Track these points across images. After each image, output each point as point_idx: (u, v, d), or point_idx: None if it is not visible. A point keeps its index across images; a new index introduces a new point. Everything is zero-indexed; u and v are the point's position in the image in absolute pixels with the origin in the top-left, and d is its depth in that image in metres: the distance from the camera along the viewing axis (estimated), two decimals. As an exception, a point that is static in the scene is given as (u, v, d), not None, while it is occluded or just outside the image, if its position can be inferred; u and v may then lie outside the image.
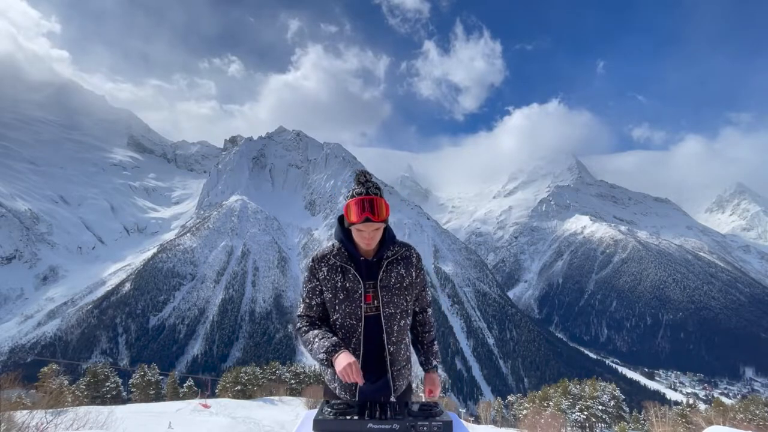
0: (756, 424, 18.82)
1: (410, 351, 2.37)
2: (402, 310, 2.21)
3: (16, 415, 9.03)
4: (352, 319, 2.15)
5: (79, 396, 26.84)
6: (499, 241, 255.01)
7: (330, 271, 2.15)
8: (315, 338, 2.08)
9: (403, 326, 2.23)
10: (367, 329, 2.16)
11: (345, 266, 2.14)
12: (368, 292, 2.15)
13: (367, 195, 2.04)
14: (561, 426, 24.50)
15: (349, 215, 2.05)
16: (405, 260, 2.24)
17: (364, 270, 2.16)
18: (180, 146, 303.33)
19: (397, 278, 2.19)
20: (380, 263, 2.17)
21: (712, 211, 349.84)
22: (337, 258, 2.16)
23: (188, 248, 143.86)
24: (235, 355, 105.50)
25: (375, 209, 2.01)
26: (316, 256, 2.21)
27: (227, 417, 17.54)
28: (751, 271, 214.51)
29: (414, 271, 2.26)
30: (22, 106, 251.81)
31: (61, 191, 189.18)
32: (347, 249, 2.16)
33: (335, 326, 2.20)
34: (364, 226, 2.03)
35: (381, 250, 2.17)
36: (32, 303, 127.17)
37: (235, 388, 30.39)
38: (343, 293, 2.14)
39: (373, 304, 2.16)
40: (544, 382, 76.19)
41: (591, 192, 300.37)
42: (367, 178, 2.12)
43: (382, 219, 2.04)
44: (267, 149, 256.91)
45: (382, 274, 2.16)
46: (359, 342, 2.16)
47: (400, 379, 2.26)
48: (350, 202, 2.05)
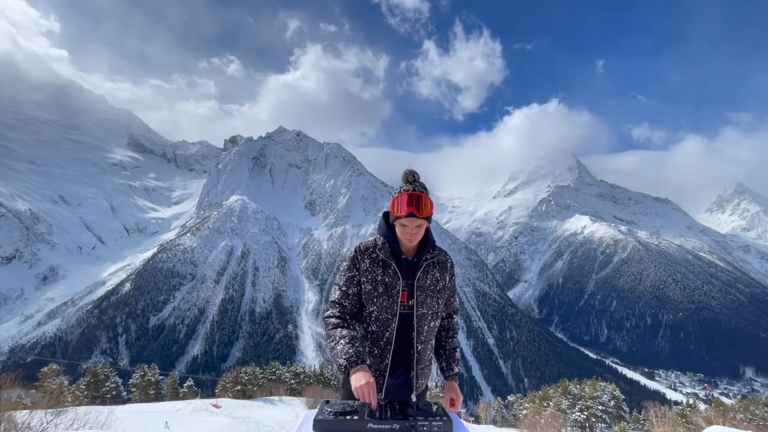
0: (756, 424, 18.82)
1: (432, 353, 2.43)
2: (433, 312, 2.29)
3: (16, 415, 9.03)
4: (388, 314, 2.21)
5: (79, 396, 26.85)
6: (499, 241, 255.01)
7: (372, 264, 2.23)
8: (341, 339, 2.08)
9: (432, 327, 2.31)
10: (399, 325, 2.23)
11: (387, 261, 2.22)
12: (404, 290, 2.22)
13: (414, 191, 2.14)
14: (561, 426, 24.50)
15: (395, 209, 2.14)
16: (441, 264, 2.32)
17: (404, 268, 2.24)
18: (180, 146, 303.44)
19: (432, 280, 2.27)
20: (419, 264, 2.25)
21: (712, 211, 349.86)
22: (381, 252, 2.24)
23: (188, 248, 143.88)
24: (235, 355, 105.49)
25: (420, 205, 2.11)
26: (360, 247, 2.29)
27: (227, 417, 17.54)
28: (751, 271, 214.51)
29: (448, 275, 2.37)
30: (22, 106, 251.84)
31: (61, 191, 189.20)
32: (391, 245, 2.25)
33: (370, 318, 2.24)
34: (408, 221, 2.12)
35: (421, 252, 2.26)
36: (32, 303, 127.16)
37: (235, 388, 30.38)
38: (382, 287, 2.20)
39: (407, 303, 2.23)
40: (544, 382, 76.19)
41: (591, 192, 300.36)
42: (415, 177, 2.23)
43: (426, 215, 2.13)
44: (267, 149, 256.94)
45: (420, 274, 2.23)
46: (392, 337, 2.22)
47: (422, 378, 2.33)
48: (397, 196, 2.14)
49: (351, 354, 2.02)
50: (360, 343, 2.16)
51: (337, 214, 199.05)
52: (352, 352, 2.03)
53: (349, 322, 2.24)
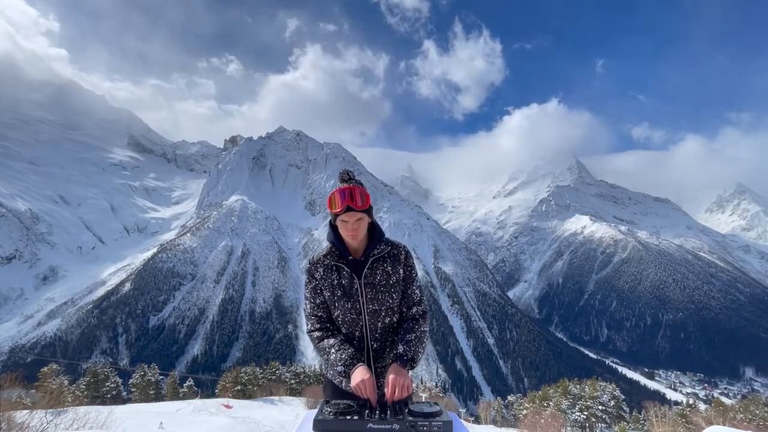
0: (756, 424, 18.82)
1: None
2: (387, 307, 2.26)
3: (16, 415, 9.03)
4: (353, 314, 2.24)
5: (79, 396, 26.85)
6: (499, 241, 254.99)
7: (326, 271, 2.26)
8: (331, 348, 2.16)
9: (388, 323, 2.28)
10: (367, 325, 2.27)
11: (338, 264, 2.24)
12: (362, 288, 2.24)
13: (348, 186, 2.15)
14: (561, 426, 24.49)
15: (332, 206, 2.14)
16: (392, 258, 2.29)
17: (354, 268, 2.24)
18: (180, 146, 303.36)
19: (383, 275, 2.25)
20: (366, 260, 2.25)
21: (712, 211, 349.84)
22: (329, 258, 2.26)
23: (188, 248, 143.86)
24: (235, 355, 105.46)
25: (356, 197, 2.11)
26: (312, 259, 2.31)
27: (227, 417, 17.54)
28: (751, 271, 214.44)
29: (401, 268, 2.30)
30: (22, 106, 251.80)
31: (61, 191, 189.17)
32: (338, 248, 2.26)
33: (338, 322, 2.29)
34: (347, 216, 2.11)
35: (368, 248, 2.26)
36: (32, 303, 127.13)
37: (235, 388, 30.39)
38: (340, 290, 2.23)
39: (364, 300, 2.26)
40: (544, 382, 76.20)
41: (591, 192, 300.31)
42: (350, 176, 2.26)
43: (363, 207, 2.13)
44: (267, 149, 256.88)
45: (366, 271, 2.23)
46: (362, 334, 2.26)
47: (382, 377, 2.25)
48: (332, 193, 2.14)
49: (345, 358, 2.09)
50: (349, 344, 2.21)
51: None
52: (345, 356, 2.10)
53: (331, 329, 2.28)
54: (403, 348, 2.18)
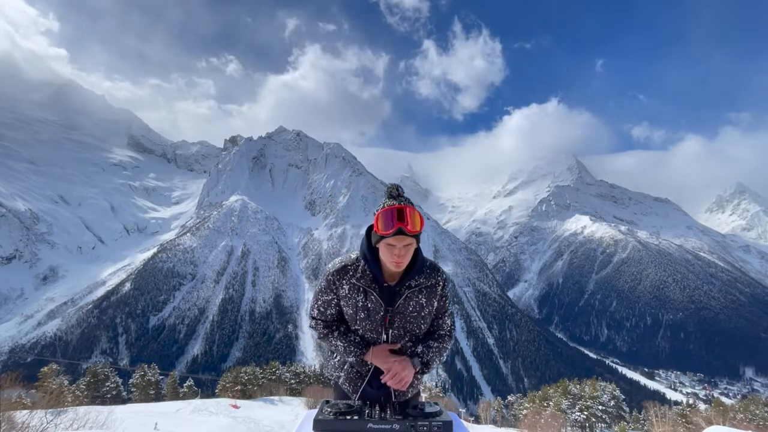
0: (756, 424, 18.82)
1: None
2: (411, 334, 2.13)
3: (16, 415, 9.03)
4: (373, 334, 2.11)
5: (79, 396, 26.85)
6: (499, 241, 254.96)
7: (351, 290, 2.06)
8: (338, 338, 2.11)
9: (408, 346, 2.16)
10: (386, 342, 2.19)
11: (368, 289, 2.04)
12: (387, 314, 2.08)
13: (401, 205, 1.90)
14: (561, 426, 24.49)
15: (379, 226, 1.89)
16: (429, 289, 2.10)
17: (386, 295, 2.06)
18: (180, 146, 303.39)
19: (416, 307, 2.08)
20: (401, 290, 2.05)
21: (712, 211, 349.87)
22: (361, 280, 2.04)
23: (188, 248, 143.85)
24: (235, 355, 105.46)
25: (408, 220, 1.85)
26: (335, 270, 2.07)
27: (227, 417, 17.53)
28: (751, 271, 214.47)
29: (436, 299, 2.14)
30: (22, 106, 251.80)
31: (61, 191, 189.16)
32: (372, 271, 2.03)
33: (356, 333, 2.16)
34: (395, 240, 1.87)
35: (406, 278, 2.05)
36: (32, 303, 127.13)
37: (235, 388, 30.40)
38: (364, 312, 2.06)
39: (389, 325, 2.11)
40: (544, 382, 76.19)
41: (591, 192, 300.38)
42: (399, 192, 2.00)
43: (416, 231, 1.88)
44: (267, 149, 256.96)
45: (400, 302, 2.05)
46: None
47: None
48: (381, 211, 1.90)
49: (353, 348, 2.08)
50: (353, 334, 2.14)
51: (337, 214, 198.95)
52: (353, 347, 2.08)
53: (336, 326, 2.18)
54: (421, 349, 2.11)
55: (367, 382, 2.17)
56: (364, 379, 2.17)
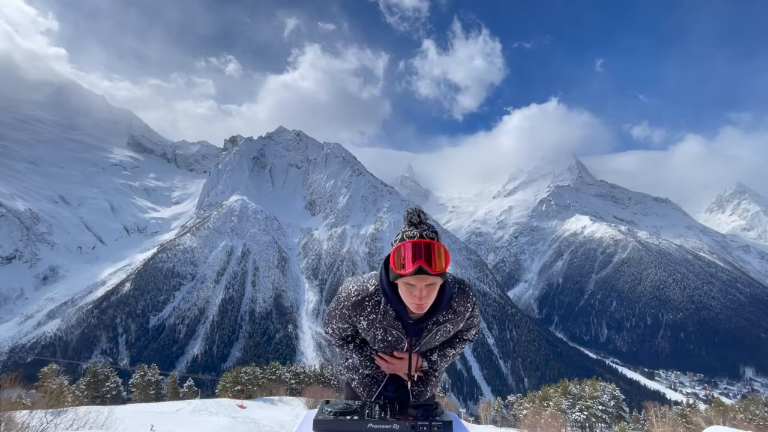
0: (756, 424, 18.81)
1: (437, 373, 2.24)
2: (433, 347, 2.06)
3: (16, 415, 9.03)
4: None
5: (79, 396, 26.84)
6: (499, 241, 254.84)
7: (370, 326, 1.86)
8: (354, 351, 2.07)
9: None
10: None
11: (389, 328, 1.85)
12: (409, 341, 1.92)
13: (423, 239, 1.58)
14: (561, 426, 24.49)
15: (397, 263, 1.59)
16: (457, 317, 1.90)
17: (409, 329, 1.86)
18: (180, 146, 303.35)
19: (443, 335, 1.93)
20: (427, 326, 1.85)
21: (712, 211, 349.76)
22: (382, 321, 1.82)
23: (188, 248, 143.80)
24: (235, 355, 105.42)
25: (433, 257, 1.55)
26: (351, 304, 1.84)
27: (227, 417, 17.52)
28: (751, 271, 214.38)
29: (462, 323, 1.95)
30: (22, 106, 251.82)
31: (61, 191, 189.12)
32: (395, 308, 1.77)
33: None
34: (415, 279, 1.58)
35: (434, 314, 1.80)
36: (32, 303, 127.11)
37: (235, 388, 30.39)
38: (383, 344, 1.94)
39: (411, 349, 1.98)
40: (544, 382, 76.15)
41: (591, 192, 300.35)
42: (421, 218, 1.67)
43: (440, 271, 1.57)
44: (267, 149, 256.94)
45: (426, 337, 1.89)
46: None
47: (419, 385, 2.15)
48: (400, 245, 1.59)
49: (368, 363, 2.05)
50: (368, 348, 2.06)
51: (337, 214, 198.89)
52: (368, 362, 2.05)
53: (353, 337, 2.10)
54: (437, 357, 2.03)
55: (383, 387, 2.12)
56: (379, 384, 2.13)
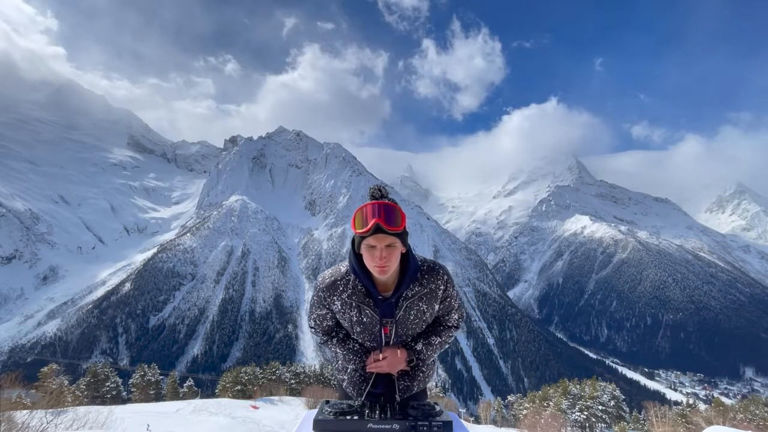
0: (756, 424, 18.81)
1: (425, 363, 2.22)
2: (413, 335, 2.06)
3: (16, 415, 9.02)
4: (372, 342, 2.04)
5: (79, 396, 26.83)
6: (499, 241, 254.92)
7: (344, 306, 1.93)
8: (338, 346, 2.11)
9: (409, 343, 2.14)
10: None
11: (361, 305, 1.90)
12: (386, 325, 1.96)
13: (381, 201, 1.72)
14: (561, 426, 24.49)
15: (357, 225, 1.70)
16: (428, 295, 1.93)
17: (382, 308, 1.91)
18: (180, 146, 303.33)
19: (416, 314, 1.96)
20: (398, 303, 1.90)
21: (712, 211, 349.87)
22: (352, 297, 1.89)
23: (188, 248, 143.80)
24: (235, 355, 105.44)
25: (390, 216, 1.66)
26: (325, 285, 1.93)
27: (227, 417, 17.52)
28: (751, 271, 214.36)
29: (437, 303, 1.99)
30: (22, 106, 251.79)
31: (61, 191, 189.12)
32: (364, 284, 1.87)
33: (356, 340, 2.13)
34: (375, 239, 1.68)
35: (401, 288, 1.87)
36: (32, 303, 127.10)
37: (235, 388, 30.39)
38: (359, 326, 1.97)
39: (390, 334, 2.00)
40: (544, 382, 76.16)
41: (591, 192, 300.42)
42: (382, 193, 1.78)
43: (398, 228, 1.68)
44: (267, 149, 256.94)
45: (400, 314, 1.92)
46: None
47: (405, 379, 2.13)
48: (359, 209, 1.71)
49: (351, 356, 2.09)
50: (352, 341, 2.09)
51: (337, 214, 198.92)
52: (352, 355, 2.08)
53: (336, 332, 2.13)
54: (421, 346, 2.05)
55: (372, 384, 2.12)
56: (367, 382, 2.13)
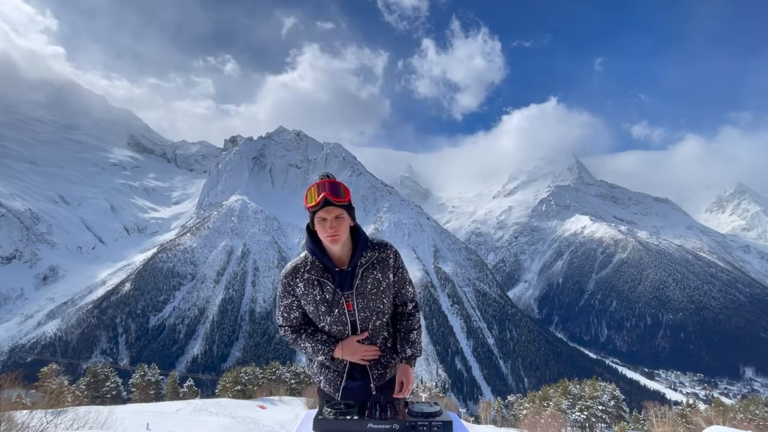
0: (756, 424, 18.81)
1: (389, 342, 2.35)
2: (377, 312, 2.19)
3: (16, 415, 9.02)
4: (339, 325, 2.15)
5: (79, 396, 26.83)
6: (499, 241, 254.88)
7: (306, 286, 2.10)
8: (306, 341, 2.18)
9: (378, 326, 2.22)
10: (352, 331, 2.18)
11: (321, 279, 2.09)
12: (348, 300, 2.12)
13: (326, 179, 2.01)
14: (561, 426, 24.50)
15: (308, 201, 1.99)
16: (381, 263, 2.17)
17: (342, 279, 2.10)
18: (180, 146, 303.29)
19: (373, 284, 2.14)
20: (355, 272, 2.10)
21: (712, 211, 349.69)
22: (312, 272, 2.09)
23: (188, 248, 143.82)
24: (235, 355, 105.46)
25: (334, 189, 1.96)
26: (287, 272, 2.13)
27: (227, 417, 17.52)
28: (751, 271, 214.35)
29: (391, 272, 2.21)
30: (22, 106, 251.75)
31: (61, 191, 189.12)
32: (321, 261, 2.09)
33: (323, 331, 2.20)
34: (325, 212, 1.96)
35: (354, 257, 2.11)
36: (32, 303, 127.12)
37: (235, 388, 30.41)
38: (324, 305, 2.10)
39: (354, 311, 2.14)
40: (544, 382, 76.15)
41: (591, 192, 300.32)
42: (328, 175, 2.08)
43: (344, 200, 1.98)
44: (267, 149, 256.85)
45: (357, 282, 2.10)
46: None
47: (378, 368, 2.26)
48: (307, 189, 2.01)
49: (320, 347, 2.14)
50: (320, 334, 2.19)
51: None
52: (320, 345, 2.14)
53: (304, 329, 2.22)
54: (411, 351, 2.25)
55: (347, 376, 2.21)
56: (342, 376, 2.21)
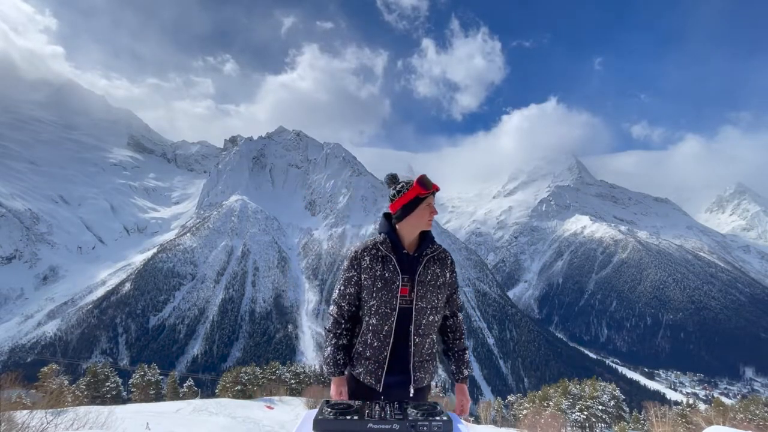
0: (756, 424, 18.80)
1: (435, 348, 2.43)
2: (433, 306, 2.29)
3: (16, 415, 9.02)
4: (387, 308, 2.22)
5: (79, 396, 26.83)
6: (499, 241, 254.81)
7: (372, 260, 2.26)
8: (330, 344, 2.34)
9: (431, 321, 2.30)
10: (398, 320, 2.24)
11: (388, 256, 2.25)
12: (405, 285, 2.22)
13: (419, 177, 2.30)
14: (561, 426, 24.50)
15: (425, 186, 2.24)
16: (441, 261, 2.34)
17: (405, 263, 2.26)
18: (180, 146, 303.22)
19: (433, 276, 2.29)
20: (420, 258, 2.28)
21: (712, 211, 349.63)
22: (381, 247, 2.28)
23: (188, 248, 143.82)
24: (235, 355, 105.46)
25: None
26: (359, 248, 2.32)
27: (227, 417, 17.52)
28: (751, 271, 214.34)
29: (448, 272, 2.37)
30: (22, 106, 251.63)
31: (61, 191, 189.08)
32: (392, 240, 2.29)
33: (371, 311, 2.26)
34: (432, 198, 2.28)
35: (422, 247, 2.30)
36: (32, 303, 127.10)
37: (235, 388, 30.40)
38: (381, 282, 2.22)
39: (407, 297, 2.24)
40: (544, 382, 76.15)
41: (591, 192, 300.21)
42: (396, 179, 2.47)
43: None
44: (267, 149, 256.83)
45: (420, 269, 2.25)
46: (391, 329, 2.25)
47: (421, 371, 2.31)
48: (419, 177, 2.28)
49: (332, 365, 2.30)
50: (344, 353, 2.34)
51: (337, 214, 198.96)
52: (332, 364, 2.30)
53: (344, 325, 2.36)
54: (467, 372, 2.41)
55: (387, 369, 2.28)
56: (383, 367, 2.27)
